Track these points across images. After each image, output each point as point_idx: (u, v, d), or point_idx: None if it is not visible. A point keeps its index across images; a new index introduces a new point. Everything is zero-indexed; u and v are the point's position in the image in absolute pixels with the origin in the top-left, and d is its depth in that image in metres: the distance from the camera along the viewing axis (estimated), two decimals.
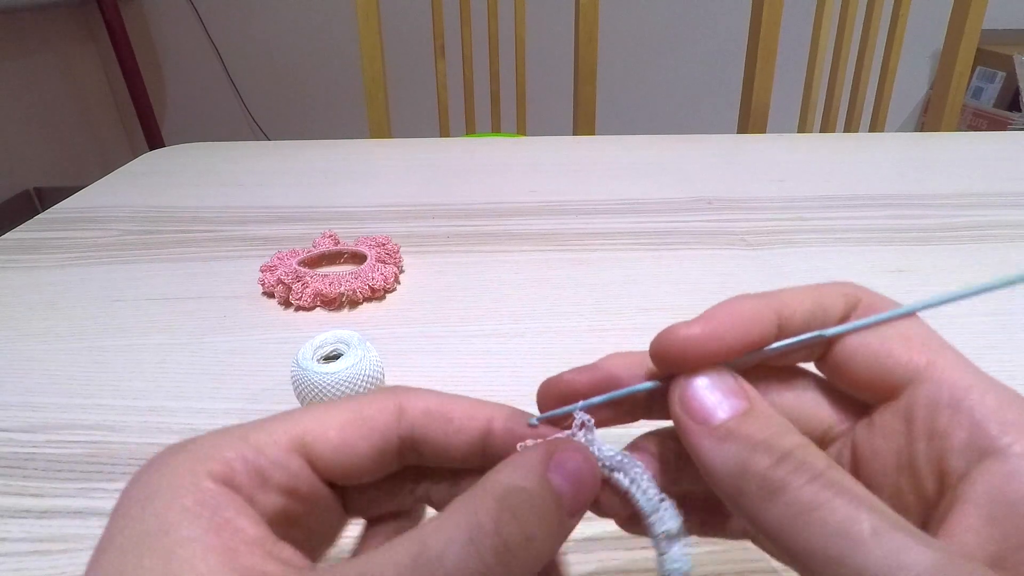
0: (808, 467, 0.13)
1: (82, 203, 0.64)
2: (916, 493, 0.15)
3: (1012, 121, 1.85)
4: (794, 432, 0.15)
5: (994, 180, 0.64)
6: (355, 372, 0.32)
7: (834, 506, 0.13)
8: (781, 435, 0.14)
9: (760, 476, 0.14)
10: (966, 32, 0.95)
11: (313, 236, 0.52)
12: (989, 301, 0.43)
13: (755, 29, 1.00)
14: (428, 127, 1.32)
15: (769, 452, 0.14)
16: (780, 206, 0.59)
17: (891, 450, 0.16)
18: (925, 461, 0.15)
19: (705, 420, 0.15)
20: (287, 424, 0.15)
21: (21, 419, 0.34)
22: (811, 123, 1.09)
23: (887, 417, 0.16)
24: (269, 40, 2.16)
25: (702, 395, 0.15)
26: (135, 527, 0.13)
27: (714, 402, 0.15)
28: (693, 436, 0.15)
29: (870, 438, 0.16)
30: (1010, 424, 0.14)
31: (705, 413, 0.15)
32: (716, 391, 0.15)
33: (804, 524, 0.13)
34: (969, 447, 0.14)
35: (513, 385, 0.36)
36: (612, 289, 0.46)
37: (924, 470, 0.15)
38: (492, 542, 0.13)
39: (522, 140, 0.84)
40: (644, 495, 0.16)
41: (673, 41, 2.11)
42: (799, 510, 0.13)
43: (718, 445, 0.15)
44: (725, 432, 0.15)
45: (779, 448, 0.14)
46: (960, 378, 0.15)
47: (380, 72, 1.04)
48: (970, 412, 0.14)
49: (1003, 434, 0.14)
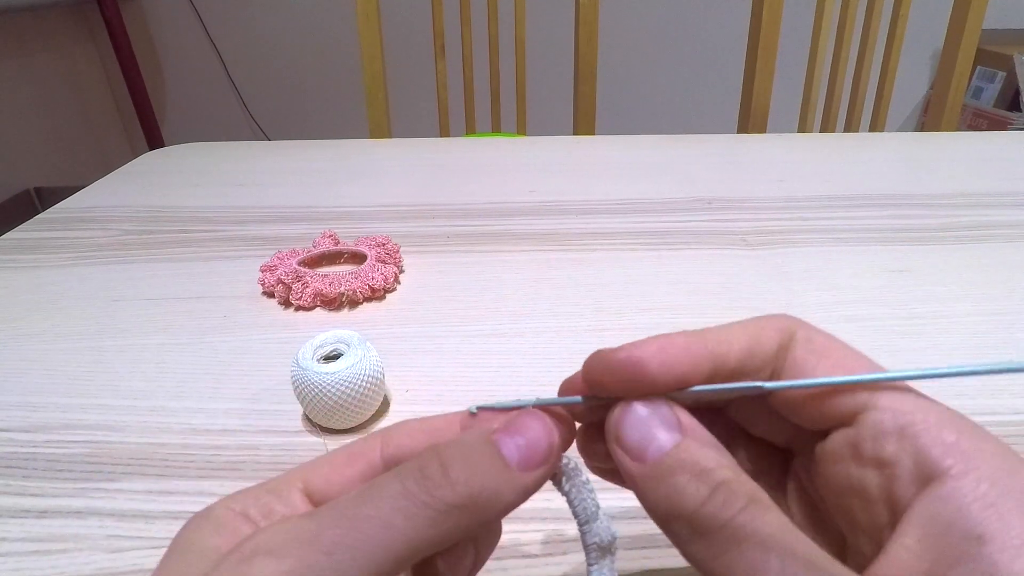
0: (733, 502, 0.14)
1: (82, 203, 0.64)
2: (868, 517, 0.15)
3: (1012, 121, 1.85)
4: (723, 466, 0.15)
5: (994, 180, 0.64)
6: (355, 372, 0.32)
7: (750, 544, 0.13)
8: (709, 472, 0.15)
9: (687, 516, 0.14)
10: (966, 32, 0.95)
11: (313, 236, 0.52)
12: (989, 302, 0.43)
13: (755, 29, 1.00)
14: (428, 127, 1.32)
15: (696, 493, 0.14)
16: (780, 206, 0.59)
17: (842, 475, 0.16)
18: (875, 489, 0.15)
19: (638, 456, 0.15)
20: (295, 470, 0.17)
21: (21, 419, 0.34)
22: (811, 123, 1.09)
23: (838, 443, 0.16)
24: (269, 40, 2.16)
25: (635, 427, 0.16)
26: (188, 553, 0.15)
27: (645, 437, 0.15)
28: (629, 473, 0.16)
29: (823, 462, 0.17)
30: (950, 446, 0.14)
31: (637, 448, 0.15)
32: (647, 424, 0.16)
33: (723, 564, 0.14)
34: (915, 474, 0.14)
35: (513, 385, 0.36)
36: (612, 289, 0.46)
37: (875, 498, 0.15)
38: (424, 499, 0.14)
39: (522, 140, 0.84)
40: (581, 503, 0.17)
41: (673, 41, 2.11)
42: (719, 550, 0.14)
43: (650, 484, 0.15)
44: (655, 471, 0.15)
45: (707, 484, 0.14)
46: (903, 405, 0.15)
47: (380, 72, 1.04)
48: (914, 439, 0.15)
49: (944, 456, 0.14)
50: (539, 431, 0.16)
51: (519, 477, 0.15)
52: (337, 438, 0.33)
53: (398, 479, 0.15)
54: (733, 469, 0.15)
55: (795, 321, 0.17)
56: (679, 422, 0.16)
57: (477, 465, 0.15)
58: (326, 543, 0.13)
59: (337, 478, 0.17)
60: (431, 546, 0.14)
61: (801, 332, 0.17)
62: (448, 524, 0.14)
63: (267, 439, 0.33)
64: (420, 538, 0.14)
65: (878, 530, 0.15)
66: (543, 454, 0.16)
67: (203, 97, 2.27)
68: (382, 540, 0.14)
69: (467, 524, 0.15)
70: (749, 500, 0.14)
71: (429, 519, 0.14)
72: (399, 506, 0.14)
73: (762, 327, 0.17)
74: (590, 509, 0.17)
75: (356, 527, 0.14)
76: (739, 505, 0.14)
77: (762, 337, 0.17)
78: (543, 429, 0.16)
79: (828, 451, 0.16)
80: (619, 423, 0.16)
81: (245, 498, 0.16)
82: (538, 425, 0.16)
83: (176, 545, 0.15)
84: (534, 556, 0.26)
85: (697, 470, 0.15)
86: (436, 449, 0.15)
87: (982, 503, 0.13)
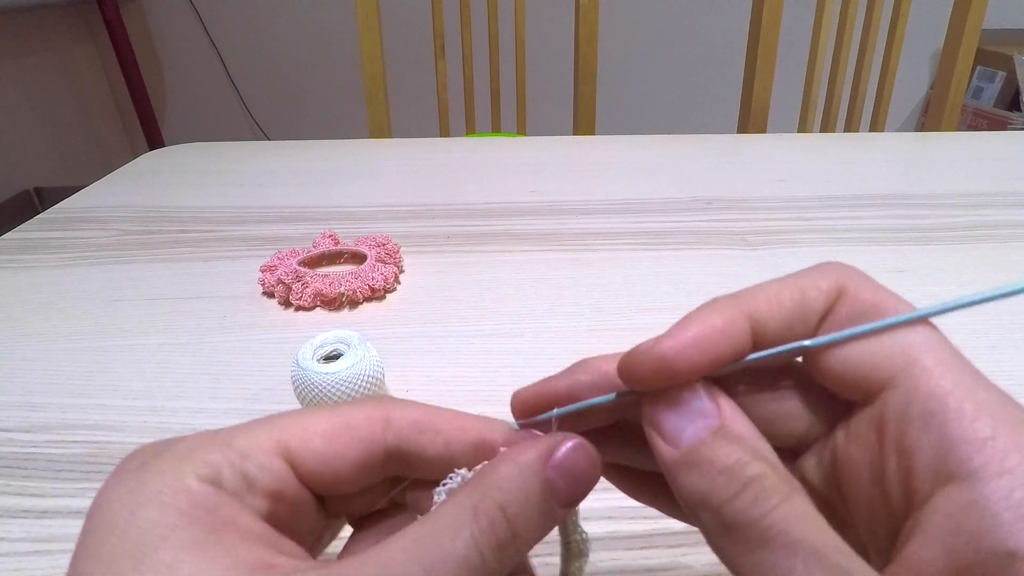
0: (763, 501, 0.13)
1: (82, 203, 0.64)
2: (886, 508, 0.14)
3: (1012, 121, 1.85)
4: (760, 458, 0.14)
5: (994, 180, 0.64)
6: (355, 372, 0.32)
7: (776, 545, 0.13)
8: (744, 463, 0.14)
9: (715, 509, 0.14)
10: (966, 32, 0.95)
11: (313, 236, 0.52)
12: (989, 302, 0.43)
13: (755, 29, 1.00)
14: (428, 127, 1.32)
15: (728, 483, 0.14)
16: (780, 206, 0.59)
17: (863, 461, 0.15)
18: (893, 478, 0.14)
19: (673, 442, 0.15)
20: (272, 429, 0.15)
21: (21, 419, 0.34)
22: (811, 123, 1.09)
23: (861, 423, 0.15)
24: (269, 40, 2.16)
25: (671, 415, 0.15)
26: (124, 535, 0.13)
27: (681, 424, 0.15)
28: (662, 459, 0.15)
29: (845, 444, 0.15)
30: (983, 441, 0.13)
31: (672, 434, 0.15)
32: (684, 411, 0.15)
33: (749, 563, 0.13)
34: (936, 469, 0.13)
35: (513, 385, 0.36)
36: (612, 289, 0.46)
37: (893, 487, 0.14)
38: (490, 541, 0.14)
39: (522, 140, 0.84)
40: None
41: (673, 41, 2.11)
42: (745, 548, 0.13)
43: (683, 472, 0.14)
44: (689, 459, 0.14)
45: (740, 478, 0.14)
46: (937, 384, 0.14)
47: (380, 72, 1.04)
48: (940, 429, 0.13)
49: (974, 454, 0.13)
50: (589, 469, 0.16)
51: (560, 514, 0.15)
52: None
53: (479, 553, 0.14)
54: (769, 461, 0.14)
55: (847, 273, 0.16)
56: (718, 409, 0.15)
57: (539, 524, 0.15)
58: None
59: (333, 461, 0.15)
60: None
61: (852, 286, 0.15)
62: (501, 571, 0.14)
63: None
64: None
65: (895, 523, 0.14)
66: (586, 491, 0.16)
67: (203, 97, 2.27)
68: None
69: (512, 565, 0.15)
70: (782, 498, 0.13)
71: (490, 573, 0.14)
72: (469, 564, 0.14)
73: (810, 286, 0.16)
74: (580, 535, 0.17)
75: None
76: (771, 503, 0.13)
77: (808, 298, 0.15)
78: (593, 467, 0.16)
79: (851, 431, 0.15)
80: (656, 408, 0.15)
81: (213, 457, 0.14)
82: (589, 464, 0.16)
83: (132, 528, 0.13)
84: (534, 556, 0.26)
85: (731, 461, 0.14)
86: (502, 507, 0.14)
87: (1015, 513, 0.12)
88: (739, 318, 0.15)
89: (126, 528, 0.13)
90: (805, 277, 0.16)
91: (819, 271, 0.16)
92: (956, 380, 0.14)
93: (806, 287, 0.16)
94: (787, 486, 0.14)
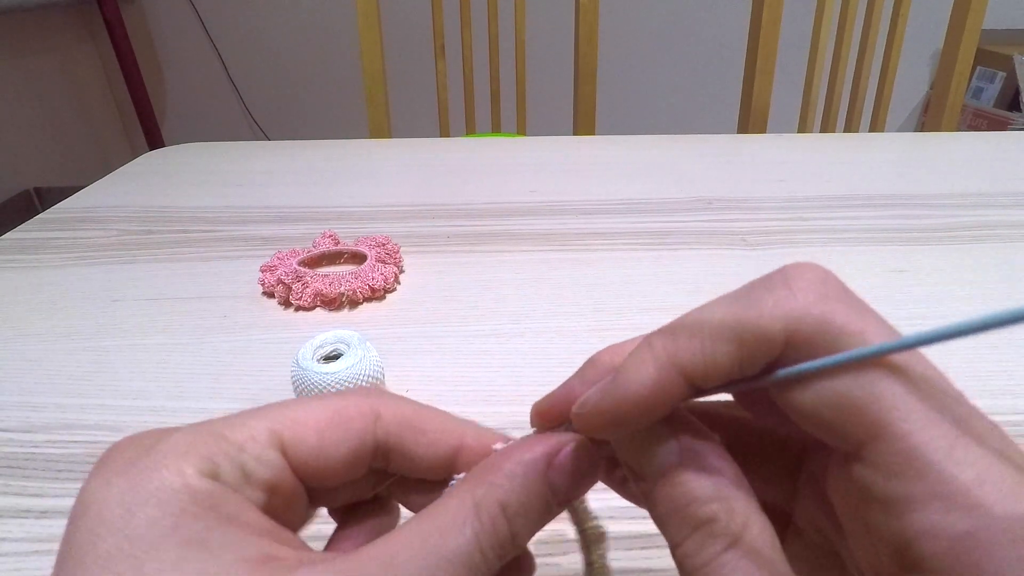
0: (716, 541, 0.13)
1: (82, 203, 0.64)
2: (869, 561, 0.13)
3: (1012, 121, 1.85)
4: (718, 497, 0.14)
5: (994, 180, 0.64)
6: (355, 372, 0.32)
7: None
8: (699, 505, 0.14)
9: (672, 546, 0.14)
10: (966, 32, 0.95)
11: (313, 236, 0.52)
12: (989, 301, 0.43)
13: (755, 29, 1.00)
14: (428, 127, 1.32)
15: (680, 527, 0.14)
16: (780, 206, 0.59)
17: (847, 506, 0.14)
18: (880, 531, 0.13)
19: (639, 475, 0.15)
20: (264, 420, 0.15)
21: (21, 419, 0.34)
22: (811, 123, 1.09)
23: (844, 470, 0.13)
24: (269, 40, 2.16)
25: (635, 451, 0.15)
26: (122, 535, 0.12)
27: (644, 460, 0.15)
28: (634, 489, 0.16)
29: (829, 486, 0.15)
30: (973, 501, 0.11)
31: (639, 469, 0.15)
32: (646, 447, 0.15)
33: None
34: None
35: (513, 385, 0.36)
36: (612, 289, 0.46)
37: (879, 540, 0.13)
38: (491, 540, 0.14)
39: (522, 140, 0.84)
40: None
41: (673, 41, 2.11)
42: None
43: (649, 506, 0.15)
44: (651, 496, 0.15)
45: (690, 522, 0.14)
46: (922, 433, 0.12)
47: (380, 72, 1.04)
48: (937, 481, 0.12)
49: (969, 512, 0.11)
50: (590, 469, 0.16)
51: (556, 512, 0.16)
52: None
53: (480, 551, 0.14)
54: (724, 501, 0.14)
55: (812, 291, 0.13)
56: (678, 446, 0.15)
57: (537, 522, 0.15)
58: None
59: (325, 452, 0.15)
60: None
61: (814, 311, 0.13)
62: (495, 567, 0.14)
63: None
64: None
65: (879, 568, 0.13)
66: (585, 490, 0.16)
67: (203, 97, 2.27)
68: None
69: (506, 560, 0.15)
70: (730, 542, 0.13)
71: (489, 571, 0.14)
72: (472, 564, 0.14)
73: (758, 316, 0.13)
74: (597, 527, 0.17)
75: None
76: (716, 549, 0.13)
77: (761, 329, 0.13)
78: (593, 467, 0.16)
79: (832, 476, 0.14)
80: (617, 445, 0.16)
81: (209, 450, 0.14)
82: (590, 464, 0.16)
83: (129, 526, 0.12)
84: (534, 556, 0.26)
85: (684, 501, 0.14)
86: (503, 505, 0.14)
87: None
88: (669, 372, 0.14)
89: (123, 527, 0.12)
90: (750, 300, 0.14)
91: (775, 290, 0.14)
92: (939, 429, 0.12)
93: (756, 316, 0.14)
94: (738, 528, 0.13)
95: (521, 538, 0.15)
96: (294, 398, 0.17)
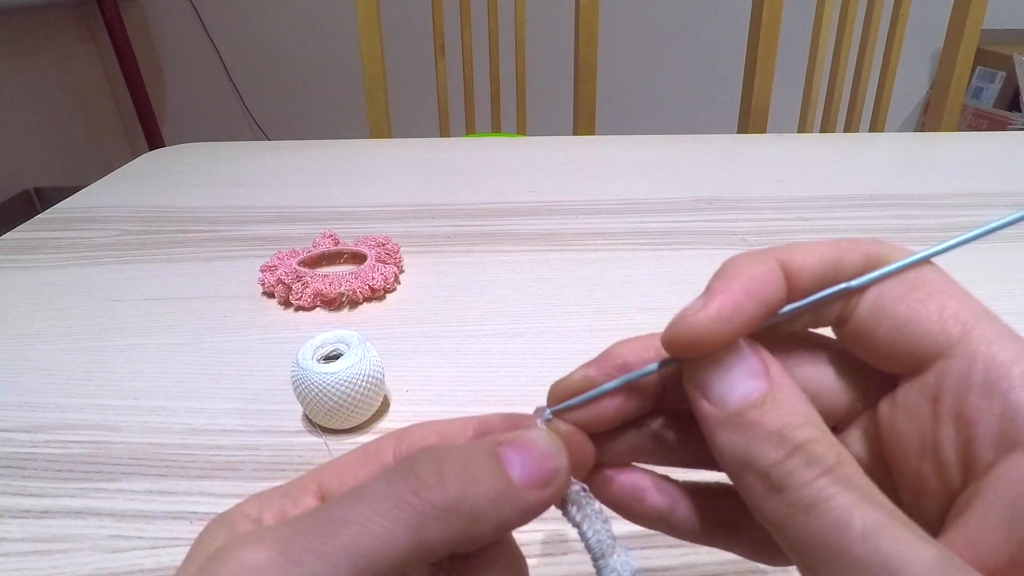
0: (814, 465, 0.13)
1: (82, 203, 0.64)
2: (939, 480, 0.14)
3: (1012, 121, 1.85)
4: (809, 423, 0.14)
5: (994, 180, 0.64)
6: (355, 372, 0.32)
7: (829, 506, 0.12)
8: (794, 427, 0.13)
9: (763, 472, 0.13)
10: (966, 32, 0.95)
11: (313, 236, 0.52)
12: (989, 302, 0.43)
13: (755, 29, 1.00)
14: (428, 127, 1.32)
15: (778, 446, 0.13)
16: (780, 206, 0.59)
17: (914, 432, 0.14)
18: (951, 448, 0.14)
19: (719, 403, 0.14)
20: (312, 472, 0.17)
21: (21, 419, 0.34)
22: (811, 123, 1.09)
23: (912, 394, 0.14)
24: (269, 40, 2.16)
25: (718, 377, 0.14)
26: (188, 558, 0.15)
27: (729, 385, 0.14)
28: (707, 420, 0.14)
29: (892, 417, 0.15)
30: None
31: (719, 396, 0.14)
32: (733, 373, 0.14)
33: (800, 523, 0.13)
34: (1000, 437, 0.13)
35: (513, 385, 0.36)
36: (612, 289, 0.46)
37: (949, 457, 0.14)
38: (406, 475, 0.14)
39: (522, 140, 0.84)
40: (596, 535, 0.15)
41: (673, 41, 2.11)
42: (795, 510, 0.13)
43: (729, 433, 0.14)
44: (737, 421, 0.14)
45: (790, 442, 0.13)
46: (998, 353, 0.13)
47: (380, 72, 1.04)
48: (1004, 396, 0.13)
49: None
50: (548, 448, 0.15)
51: (521, 493, 0.14)
52: (337, 438, 0.33)
53: (385, 479, 0.14)
54: (819, 427, 0.14)
55: (885, 246, 0.15)
56: (767, 371, 0.14)
57: (475, 471, 0.14)
58: (297, 551, 0.13)
59: (349, 479, 0.16)
60: (415, 554, 0.13)
61: (890, 255, 0.15)
62: (434, 530, 0.13)
63: (267, 439, 0.33)
64: (401, 543, 0.13)
65: (950, 494, 0.14)
66: (549, 473, 0.15)
67: (203, 97, 2.27)
68: (358, 547, 0.13)
69: (456, 534, 0.13)
70: (834, 462, 0.13)
71: (412, 522, 0.13)
72: (381, 508, 0.13)
73: (846, 250, 0.15)
74: (605, 542, 0.15)
75: (330, 532, 0.13)
76: (823, 467, 0.13)
77: (844, 261, 0.15)
78: (552, 447, 0.15)
79: (900, 404, 0.15)
80: (702, 370, 0.15)
81: (260, 502, 0.16)
82: (547, 442, 0.15)
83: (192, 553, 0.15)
84: (534, 556, 0.26)
85: (781, 424, 0.13)
86: (433, 449, 0.14)
87: None
88: (775, 267, 0.15)
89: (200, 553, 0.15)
90: (840, 241, 0.16)
91: (855, 241, 0.16)
92: (1017, 349, 0.13)
93: (842, 244, 0.15)
94: (836, 451, 0.13)
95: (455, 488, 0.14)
96: None
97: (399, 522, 0.13)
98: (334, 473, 0.16)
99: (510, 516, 0.14)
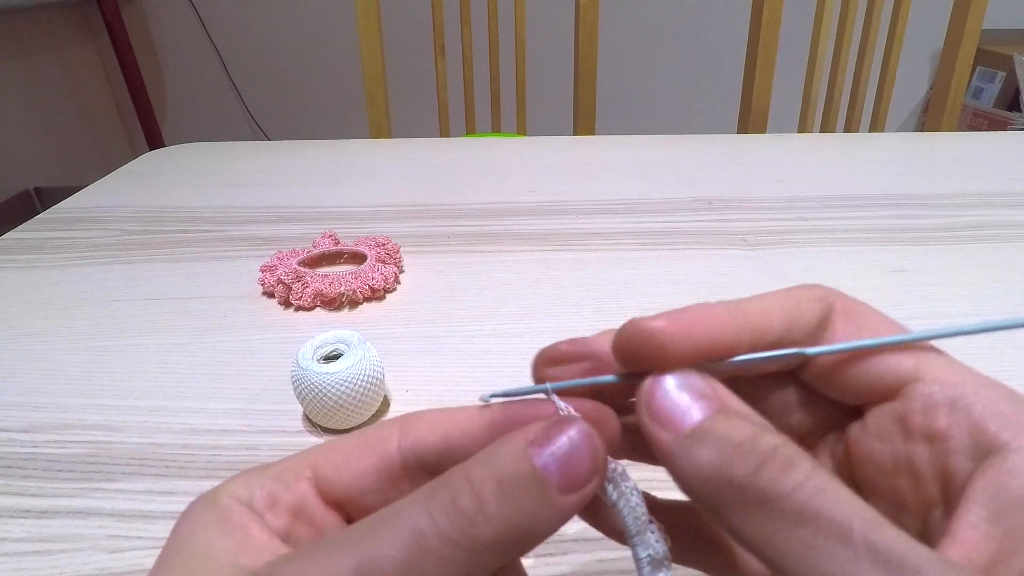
0: (792, 471, 0.12)
1: (82, 203, 0.64)
2: (916, 495, 0.15)
3: (1012, 121, 1.85)
4: (772, 431, 0.13)
5: (994, 180, 0.64)
6: (355, 372, 0.32)
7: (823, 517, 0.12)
8: (759, 436, 0.13)
9: (739, 485, 0.12)
10: (966, 32, 0.95)
11: (313, 236, 0.52)
12: (989, 302, 0.43)
13: (755, 29, 1.00)
14: (428, 127, 1.32)
15: (748, 457, 0.13)
16: (780, 206, 0.59)
17: (887, 452, 0.15)
18: (925, 463, 0.15)
19: (674, 426, 0.14)
20: (305, 454, 0.16)
21: (21, 419, 0.34)
22: (811, 123, 1.09)
23: (881, 419, 0.16)
24: (269, 40, 2.16)
25: (670, 398, 0.14)
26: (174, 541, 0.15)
27: (684, 406, 0.14)
28: (663, 445, 0.14)
29: (864, 440, 0.16)
30: (1008, 420, 0.14)
31: (673, 418, 0.14)
32: (684, 393, 0.14)
33: (790, 538, 0.12)
34: (971, 447, 0.14)
35: (513, 385, 0.36)
36: (612, 289, 0.46)
37: (925, 472, 0.15)
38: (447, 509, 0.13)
39: (522, 140, 0.84)
40: (632, 513, 0.15)
41: (673, 41, 2.11)
42: (784, 523, 0.12)
43: (690, 452, 0.13)
44: (698, 435, 0.13)
45: (759, 451, 0.13)
46: (952, 376, 0.15)
47: (380, 72, 1.04)
48: (967, 410, 0.14)
49: (1002, 430, 0.14)
50: (582, 442, 0.14)
51: (560, 502, 0.13)
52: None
53: (425, 511, 0.13)
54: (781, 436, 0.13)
55: (832, 292, 0.17)
56: (715, 393, 0.14)
57: (516, 495, 0.13)
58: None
59: (349, 469, 0.16)
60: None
61: (839, 304, 0.16)
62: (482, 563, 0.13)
63: (267, 439, 0.33)
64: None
65: (926, 508, 0.15)
66: (588, 471, 0.14)
67: (203, 97, 2.27)
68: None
69: (501, 561, 0.13)
70: (811, 468, 0.12)
71: (462, 562, 0.12)
72: (428, 547, 0.12)
73: (800, 298, 0.16)
74: (641, 519, 0.15)
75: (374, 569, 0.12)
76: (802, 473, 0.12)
77: (802, 309, 0.16)
78: (587, 440, 0.14)
79: (870, 428, 0.16)
80: (651, 392, 0.14)
81: (250, 484, 0.15)
82: (580, 436, 0.14)
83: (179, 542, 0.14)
84: (534, 556, 0.26)
85: (745, 435, 0.13)
86: (467, 475, 0.13)
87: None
88: (737, 314, 0.15)
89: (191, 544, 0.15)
90: (794, 291, 0.17)
91: (804, 288, 0.17)
92: (965, 374, 0.15)
93: (797, 298, 0.16)
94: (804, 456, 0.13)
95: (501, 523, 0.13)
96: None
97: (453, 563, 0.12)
98: (329, 459, 0.16)
99: (550, 529, 0.14)
